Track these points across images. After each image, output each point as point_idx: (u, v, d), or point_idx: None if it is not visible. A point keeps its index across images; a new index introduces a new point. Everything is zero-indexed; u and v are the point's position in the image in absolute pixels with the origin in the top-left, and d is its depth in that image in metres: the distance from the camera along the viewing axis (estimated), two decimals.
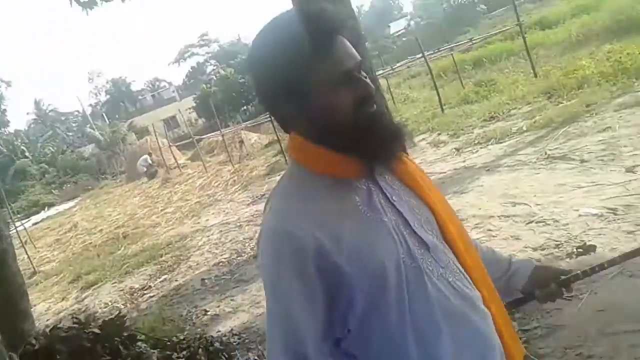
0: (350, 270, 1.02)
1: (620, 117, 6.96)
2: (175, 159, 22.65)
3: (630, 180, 4.98)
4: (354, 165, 1.10)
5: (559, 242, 4.33)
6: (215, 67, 54.18)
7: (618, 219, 4.35)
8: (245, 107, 35.36)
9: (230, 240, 8.51)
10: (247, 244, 7.85)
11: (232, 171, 16.06)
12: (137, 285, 8.04)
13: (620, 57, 9.54)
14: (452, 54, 18.29)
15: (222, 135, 18.31)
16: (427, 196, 1.20)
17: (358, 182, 1.12)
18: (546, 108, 8.92)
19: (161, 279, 7.90)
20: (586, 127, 7.09)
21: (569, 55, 14.34)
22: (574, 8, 24.97)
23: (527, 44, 13.15)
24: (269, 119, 15.53)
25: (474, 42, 19.86)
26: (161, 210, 14.39)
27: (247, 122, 22.23)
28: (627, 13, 14.84)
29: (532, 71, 12.27)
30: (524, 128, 8.20)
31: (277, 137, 15.07)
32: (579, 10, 23.68)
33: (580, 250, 4.17)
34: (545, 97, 9.57)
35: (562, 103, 8.86)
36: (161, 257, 9.11)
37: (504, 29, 19.05)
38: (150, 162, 23.23)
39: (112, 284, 8.62)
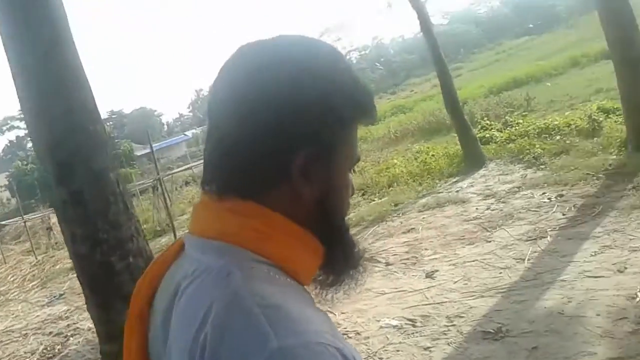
0: None
1: (423, 218, 7.18)
2: None
3: (429, 287, 4.94)
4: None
5: None
6: None
7: (416, 332, 4.21)
8: None
9: (9, 355, 7.12)
10: None
11: (34, 263, 14.16)
12: None
13: (426, 158, 10.17)
14: None
15: (25, 222, 16.26)
16: None
17: None
18: (360, 205, 9.06)
19: None
20: (393, 227, 7.20)
21: (386, 151, 15.27)
22: (394, 107, 27.54)
23: None
24: None
25: None
26: None
27: None
28: (436, 115, 16.44)
29: None
30: None
31: None
32: (398, 109, 26.15)
33: None
34: (360, 194, 9.79)
35: (374, 200, 9.08)
36: None
37: None
38: None
39: None
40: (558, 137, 8.81)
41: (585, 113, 9.59)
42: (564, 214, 5.61)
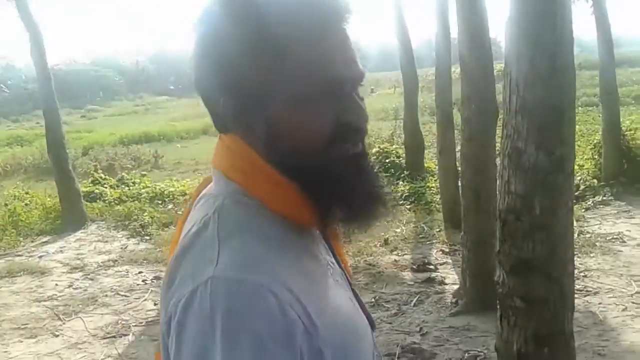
0: None
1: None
2: None
3: None
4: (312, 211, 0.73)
5: None
6: None
7: None
8: None
9: None
10: None
11: None
12: None
13: (18, 206, 8.25)
14: None
15: None
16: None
17: (312, 230, 0.77)
18: None
19: None
20: None
21: None
22: (11, 137, 23.98)
23: None
24: None
25: None
26: None
27: None
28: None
29: None
30: None
31: None
32: (16, 140, 22.90)
33: None
34: None
35: None
36: None
37: None
38: None
39: None
40: (171, 206, 8.20)
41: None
42: (155, 304, 4.78)
